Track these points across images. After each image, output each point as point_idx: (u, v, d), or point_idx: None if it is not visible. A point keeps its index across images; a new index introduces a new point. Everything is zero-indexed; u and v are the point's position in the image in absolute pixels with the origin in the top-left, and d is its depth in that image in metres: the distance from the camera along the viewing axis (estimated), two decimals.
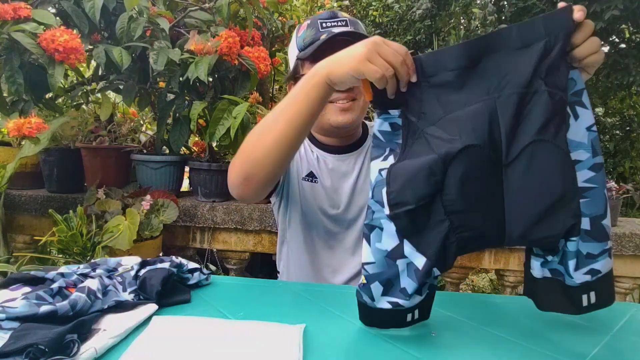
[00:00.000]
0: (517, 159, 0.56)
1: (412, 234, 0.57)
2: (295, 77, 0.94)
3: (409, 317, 0.61)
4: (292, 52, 0.95)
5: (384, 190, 0.58)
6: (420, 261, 0.57)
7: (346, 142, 0.98)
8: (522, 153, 0.55)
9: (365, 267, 0.60)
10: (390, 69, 0.57)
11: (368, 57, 0.58)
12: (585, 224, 0.55)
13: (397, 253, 0.58)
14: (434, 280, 0.61)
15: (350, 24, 0.87)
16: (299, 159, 0.98)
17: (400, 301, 0.59)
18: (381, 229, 0.59)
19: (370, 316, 0.62)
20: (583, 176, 0.55)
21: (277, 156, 0.69)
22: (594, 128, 0.56)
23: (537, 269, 0.59)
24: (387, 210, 0.58)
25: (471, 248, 0.59)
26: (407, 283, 0.58)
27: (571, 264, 0.56)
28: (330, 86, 0.65)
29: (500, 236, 0.57)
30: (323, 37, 0.84)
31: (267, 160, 0.70)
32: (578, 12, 0.52)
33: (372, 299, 0.60)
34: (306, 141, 0.99)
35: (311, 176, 0.97)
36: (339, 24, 0.86)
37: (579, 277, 0.56)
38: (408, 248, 0.57)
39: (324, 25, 0.86)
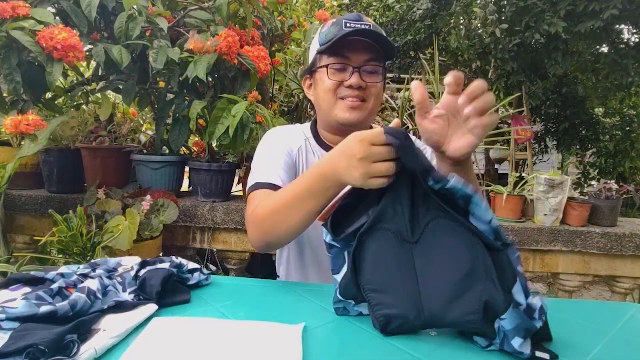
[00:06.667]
0: (421, 237, 0.58)
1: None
2: (312, 70, 0.96)
3: None
4: (314, 48, 0.97)
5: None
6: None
7: None
8: (425, 230, 0.58)
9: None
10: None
11: (368, 176, 0.59)
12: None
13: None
14: None
15: (373, 29, 0.89)
16: (300, 160, 0.97)
17: None
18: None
19: None
20: None
21: (297, 232, 0.77)
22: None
23: (482, 342, 0.58)
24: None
25: (395, 328, 0.60)
26: None
27: (515, 343, 0.53)
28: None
29: (419, 316, 0.58)
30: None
31: (288, 236, 0.79)
32: (448, 77, 0.60)
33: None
34: (310, 144, 0.99)
35: None
36: (363, 26, 0.87)
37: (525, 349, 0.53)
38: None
39: (347, 25, 0.87)
